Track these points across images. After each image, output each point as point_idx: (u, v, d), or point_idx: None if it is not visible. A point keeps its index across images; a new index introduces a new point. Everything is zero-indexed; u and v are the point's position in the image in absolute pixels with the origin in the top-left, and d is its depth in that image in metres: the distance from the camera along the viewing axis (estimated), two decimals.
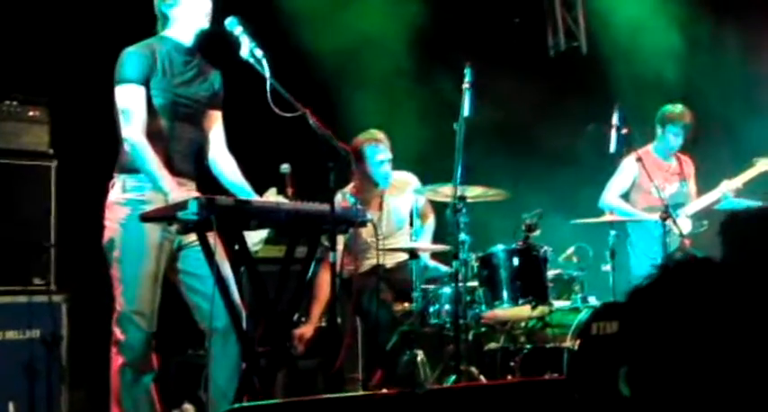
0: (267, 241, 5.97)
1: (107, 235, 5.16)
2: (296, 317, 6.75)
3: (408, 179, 7.15)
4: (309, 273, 5.42)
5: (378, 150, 6.96)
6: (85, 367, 6.47)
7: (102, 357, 5.30)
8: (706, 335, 1.95)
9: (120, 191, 5.15)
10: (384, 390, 5.75)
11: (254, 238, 5.25)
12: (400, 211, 7.14)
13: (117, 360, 5.13)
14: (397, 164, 7.12)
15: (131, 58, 5.15)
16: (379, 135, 7.04)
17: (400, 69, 8.46)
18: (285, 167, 5.40)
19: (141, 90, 5.10)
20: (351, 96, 8.16)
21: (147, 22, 5.39)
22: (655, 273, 2.11)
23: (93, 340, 5.79)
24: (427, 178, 7.11)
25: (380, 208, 7.05)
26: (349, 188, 6.88)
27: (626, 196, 8.09)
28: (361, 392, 5.93)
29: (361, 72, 8.31)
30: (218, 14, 5.31)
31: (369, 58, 8.31)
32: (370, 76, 8.33)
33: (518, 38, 9.77)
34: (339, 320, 6.28)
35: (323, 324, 6.78)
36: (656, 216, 7.29)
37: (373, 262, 6.60)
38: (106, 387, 5.24)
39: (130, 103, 5.07)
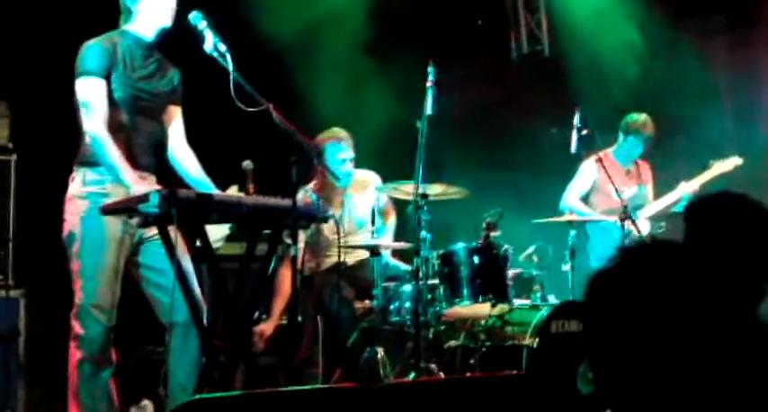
0: (228, 238, 5.96)
1: (67, 228, 5.14)
2: (256, 314, 6.75)
3: (370, 178, 7.16)
4: (270, 269, 5.42)
5: (340, 148, 6.97)
6: (43, 363, 6.43)
7: (60, 353, 5.27)
8: (668, 315, 1.97)
9: (80, 184, 5.13)
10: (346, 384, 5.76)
11: (216, 235, 5.24)
12: (361, 210, 7.14)
13: (76, 354, 5.10)
14: (358, 160, 7.13)
15: (93, 50, 5.13)
16: (342, 133, 7.04)
17: (360, 66, 8.46)
18: (247, 164, 5.38)
19: (102, 83, 5.08)
20: (309, 90, 8.15)
21: (107, 16, 5.38)
22: (615, 255, 2.14)
23: (51, 335, 5.77)
24: (386, 174, 7.13)
25: (342, 206, 7.06)
26: (311, 186, 6.87)
27: (586, 198, 8.14)
28: (320, 386, 5.92)
29: (321, 67, 8.31)
30: (180, 12, 5.31)
31: (328, 50, 8.32)
32: (329, 71, 8.32)
33: (481, 39, 9.79)
34: (300, 317, 6.27)
35: (283, 321, 6.78)
36: (615, 218, 7.35)
37: (335, 259, 6.59)
38: (64, 382, 5.21)
39: (91, 95, 5.05)
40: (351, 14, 8.40)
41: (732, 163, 8.00)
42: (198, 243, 5.03)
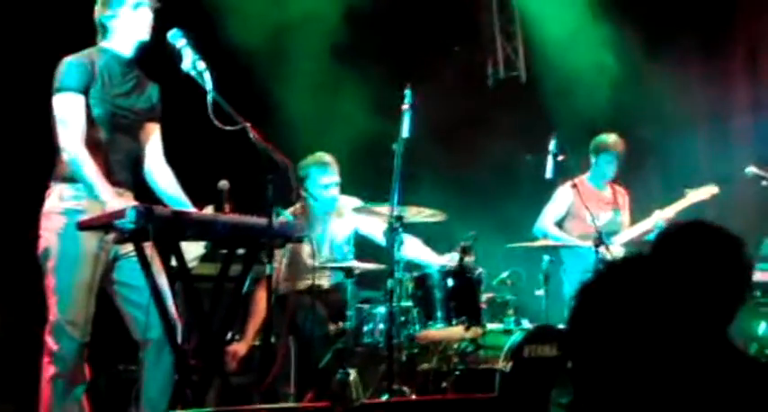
0: (202, 259, 5.95)
1: (42, 244, 5.11)
2: (230, 335, 6.74)
3: (352, 203, 7.14)
4: (245, 289, 5.42)
5: (325, 173, 6.99)
6: (14, 379, 6.39)
7: (31, 369, 5.24)
8: (645, 327, 2.01)
9: (56, 200, 5.11)
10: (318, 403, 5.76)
11: (190, 254, 5.23)
12: (341, 235, 7.16)
13: (48, 370, 5.06)
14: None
15: (71, 67, 5.13)
16: (326, 157, 7.06)
17: (336, 90, 8.49)
18: (223, 184, 5.36)
19: (80, 99, 5.08)
20: (282, 109, 8.16)
21: (84, 33, 5.37)
22: (597, 271, 2.18)
23: (22, 352, 5.73)
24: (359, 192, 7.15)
25: (322, 231, 7.07)
26: (291, 211, 6.85)
27: (560, 224, 8.19)
28: (294, 404, 5.92)
29: (296, 91, 8.33)
30: (158, 28, 5.32)
31: (302, 73, 8.36)
32: (302, 94, 8.35)
33: (458, 65, 9.85)
34: (273, 338, 6.27)
35: (257, 343, 6.77)
36: (589, 243, 7.39)
37: (310, 282, 6.60)
38: (35, 399, 5.18)
39: (69, 112, 5.05)
40: (324, 39, 8.45)
41: (708, 191, 8.07)
42: (173, 260, 5.02)
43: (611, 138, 8.21)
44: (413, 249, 6.91)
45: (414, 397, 6.13)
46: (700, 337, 2.67)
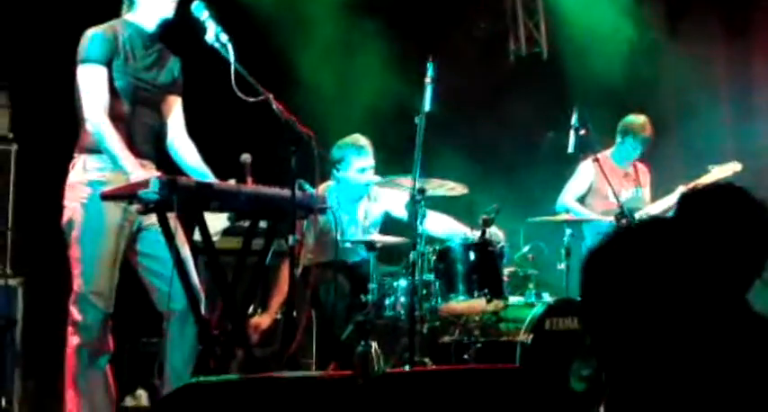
0: (225, 232, 5.99)
1: (66, 215, 5.16)
2: (252, 308, 6.78)
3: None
4: (267, 261, 5.44)
5: (360, 156, 6.94)
6: (40, 351, 6.44)
7: (57, 342, 5.29)
8: (660, 294, 2.00)
9: (80, 171, 5.15)
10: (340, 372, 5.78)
11: (213, 229, 5.27)
12: (371, 218, 7.17)
13: (73, 340, 5.12)
14: None
15: (95, 39, 5.16)
16: (363, 140, 6.97)
17: (357, 64, 8.49)
18: (245, 157, 5.39)
19: (104, 71, 5.11)
20: (303, 81, 8.15)
21: (108, 5, 5.41)
22: (610, 233, 2.17)
23: (49, 325, 5.78)
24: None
25: (352, 214, 7.07)
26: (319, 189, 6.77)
27: (582, 200, 8.17)
28: (316, 372, 5.94)
29: (314, 65, 8.33)
30: (181, 2, 5.33)
31: (324, 47, 8.37)
32: (322, 64, 8.35)
33: (480, 41, 9.83)
34: (295, 311, 6.29)
35: (279, 316, 6.80)
36: (611, 219, 7.38)
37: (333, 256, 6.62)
38: (61, 371, 5.22)
39: (93, 83, 5.09)
40: (347, 11, 8.45)
41: (731, 168, 8.02)
42: (197, 231, 5.06)
43: (640, 120, 8.16)
44: (443, 225, 6.92)
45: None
46: (719, 301, 2.68)
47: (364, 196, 7.10)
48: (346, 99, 8.20)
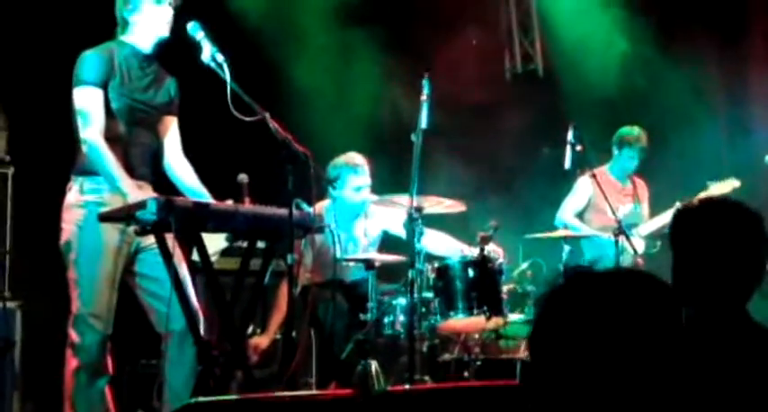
0: (223, 253, 5.98)
1: (64, 237, 5.15)
2: (251, 328, 6.76)
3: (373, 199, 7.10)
4: (266, 281, 5.44)
5: (356, 174, 6.93)
6: (39, 374, 6.43)
7: (56, 364, 5.27)
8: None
9: (77, 193, 5.14)
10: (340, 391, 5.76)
11: (211, 249, 5.26)
12: (370, 237, 7.17)
13: (72, 362, 5.10)
14: None
15: (90, 60, 5.17)
16: (359, 159, 6.95)
17: (350, 79, 8.49)
18: (242, 177, 5.39)
19: (99, 92, 5.12)
20: (295, 89, 8.15)
21: (103, 28, 5.41)
22: (549, 288, 2.17)
23: (48, 347, 5.77)
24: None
25: (350, 232, 7.06)
26: (315, 208, 6.77)
27: (581, 215, 8.19)
28: (316, 392, 5.93)
29: (307, 86, 8.34)
30: (177, 22, 5.34)
31: (316, 61, 8.37)
32: (316, 77, 8.36)
33: (476, 58, 9.84)
34: (294, 331, 6.28)
35: (278, 336, 6.79)
36: (609, 234, 7.38)
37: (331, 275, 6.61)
38: (60, 393, 5.21)
39: (89, 104, 5.09)
40: (340, 26, 8.48)
41: (730, 185, 8.03)
42: (195, 251, 5.05)
43: (634, 131, 8.21)
44: (441, 244, 6.92)
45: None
46: (720, 314, 2.68)
47: (361, 214, 7.10)
48: (341, 115, 8.20)
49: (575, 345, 1.98)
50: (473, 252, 6.59)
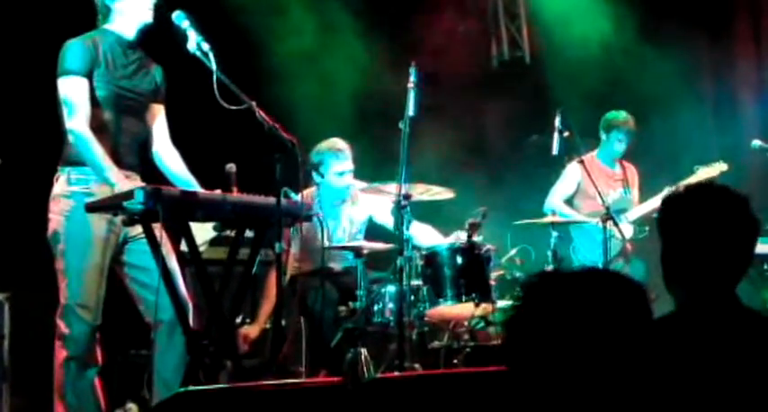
0: (211, 243, 5.97)
1: (52, 227, 5.13)
2: (240, 318, 6.76)
3: (361, 186, 7.10)
4: (255, 270, 5.43)
5: (338, 160, 6.94)
6: (29, 366, 6.40)
7: (45, 356, 5.26)
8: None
9: (64, 183, 5.13)
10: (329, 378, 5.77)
11: (199, 239, 5.25)
12: (356, 223, 7.17)
13: (61, 353, 5.10)
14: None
15: (74, 49, 5.13)
16: (341, 144, 6.98)
17: (339, 69, 8.47)
18: (230, 167, 5.37)
19: (84, 82, 5.09)
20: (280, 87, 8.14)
21: (87, 18, 5.38)
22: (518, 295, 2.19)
23: (36, 339, 5.74)
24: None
25: (336, 219, 7.06)
26: (303, 195, 6.77)
27: (570, 202, 8.20)
28: (306, 380, 5.93)
29: (296, 73, 8.32)
30: (162, 11, 5.32)
31: (305, 44, 8.35)
32: (303, 67, 8.34)
33: (463, 45, 9.83)
34: (284, 320, 6.28)
35: (268, 326, 6.79)
36: (598, 220, 7.38)
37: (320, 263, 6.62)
38: (50, 385, 5.20)
39: (74, 94, 5.06)
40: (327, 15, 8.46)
41: (717, 169, 8.04)
42: (183, 242, 5.04)
43: (621, 114, 8.23)
44: (426, 236, 6.93)
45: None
46: (710, 298, 2.69)
47: (347, 200, 7.12)
48: (327, 102, 8.17)
49: (549, 339, 2.01)
50: (461, 240, 6.59)
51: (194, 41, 5.13)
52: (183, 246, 5.21)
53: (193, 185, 5.32)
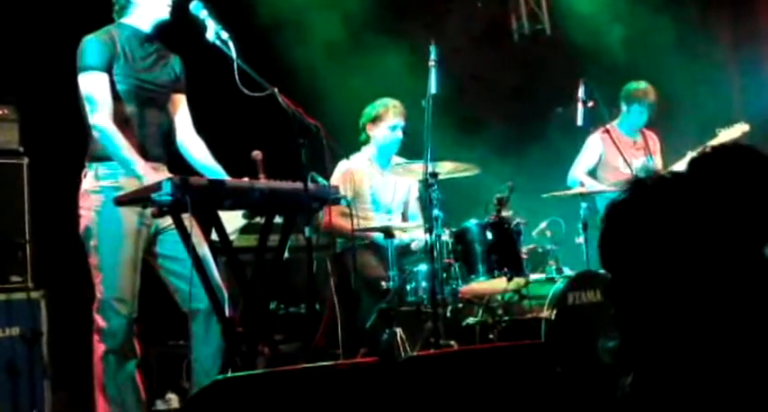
0: (242, 230, 5.99)
1: (83, 223, 5.17)
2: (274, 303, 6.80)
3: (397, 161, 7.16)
4: (285, 253, 5.44)
5: (392, 114, 7.09)
6: (67, 362, 6.45)
7: (84, 351, 5.30)
8: (679, 249, 2.01)
9: (93, 179, 5.16)
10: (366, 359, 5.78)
11: (230, 228, 5.27)
12: (397, 200, 7.22)
13: (99, 347, 5.14)
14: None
15: (92, 45, 5.16)
16: (394, 100, 7.14)
17: (358, 43, 8.45)
18: (256, 154, 5.38)
19: (105, 77, 5.11)
20: (304, 65, 8.13)
21: (107, 13, 5.41)
22: (626, 188, 2.19)
23: (74, 335, 5.79)
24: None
25: (378, 194, 7.12)
26: (335, 178, 6.74)
27: (593, 173, 8.18)
28: (342, 361, 5.95)
29: (316, 41, 8.31)
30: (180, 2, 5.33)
31: (323, 26, 8.34)
32: (325, 46, 8.33)
33: (483, 20, 9.80)
34: (318, 305, 6.31)
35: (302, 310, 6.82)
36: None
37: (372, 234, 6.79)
38: (90, 380, 5.24)
39: (95, 90, 5.09)
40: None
41: (739, 129, 8.01)
42: (213, 231, 5.06)
43: (642, 86, 8.18)
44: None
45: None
46: (737, 258, 2.68)
47: (393, 155, 7.20)
48: (347, 83, 8.16)
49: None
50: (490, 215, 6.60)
51: (213, 30, 5.14)
52: (214, 236, 5.22)
53: (220, 173, 5.35)
